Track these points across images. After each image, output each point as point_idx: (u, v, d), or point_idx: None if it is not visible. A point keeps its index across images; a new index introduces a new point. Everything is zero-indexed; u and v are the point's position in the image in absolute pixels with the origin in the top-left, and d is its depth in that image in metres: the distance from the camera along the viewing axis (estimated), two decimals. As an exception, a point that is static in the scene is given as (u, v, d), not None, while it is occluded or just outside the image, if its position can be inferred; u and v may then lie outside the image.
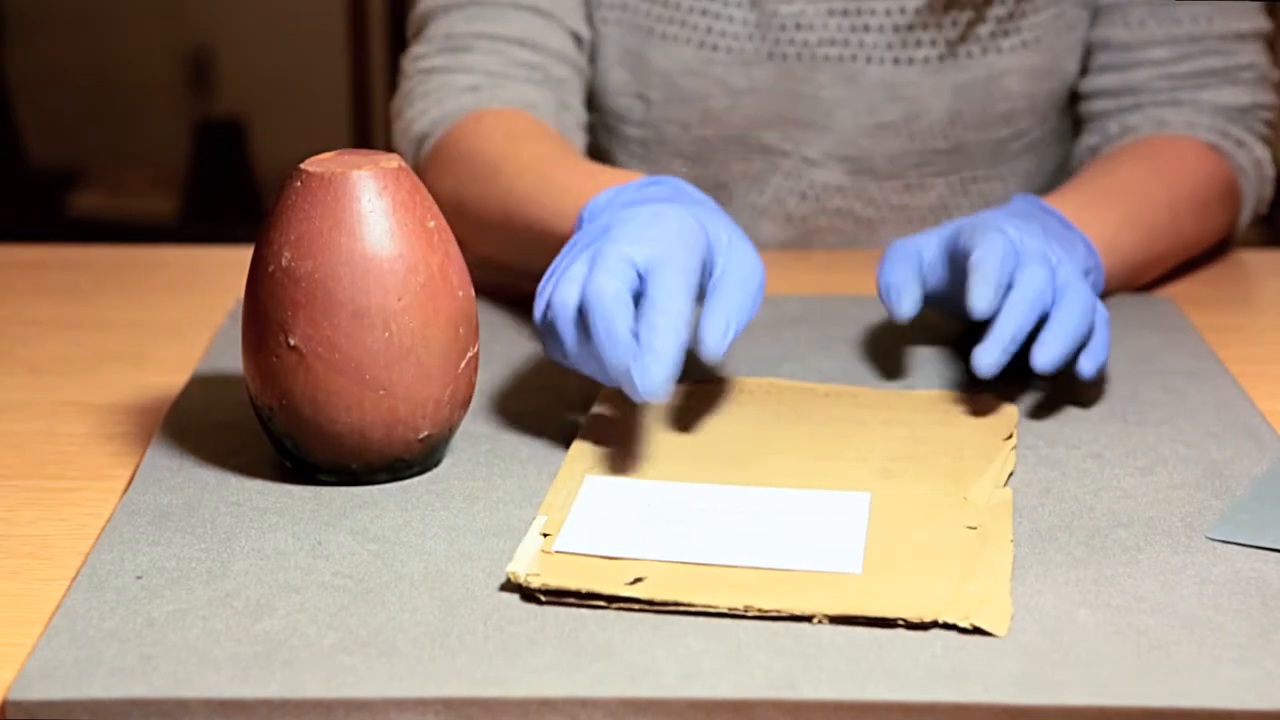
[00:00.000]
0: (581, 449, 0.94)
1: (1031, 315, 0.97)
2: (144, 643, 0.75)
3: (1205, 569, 0.81)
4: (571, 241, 0.96)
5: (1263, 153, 1.31)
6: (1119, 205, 1.19)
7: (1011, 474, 0.91)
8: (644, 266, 0.90)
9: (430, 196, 0.90)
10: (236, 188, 3.32)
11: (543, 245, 1.07)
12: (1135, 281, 1.21)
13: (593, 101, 1.37)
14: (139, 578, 0.81)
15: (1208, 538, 0.84)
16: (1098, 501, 0.89)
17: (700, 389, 1.02)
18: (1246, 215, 1.32)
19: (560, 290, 0.91)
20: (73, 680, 0.72)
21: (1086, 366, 0.98)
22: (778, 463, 0.93)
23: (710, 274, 0.94)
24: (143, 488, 0.90)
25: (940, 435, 0.96)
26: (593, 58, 1.35)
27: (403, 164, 0.89)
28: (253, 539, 0.85)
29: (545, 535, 0.83)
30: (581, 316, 0.89)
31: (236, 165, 3.34)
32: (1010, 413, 0.99)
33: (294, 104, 3.36)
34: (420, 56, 1.31)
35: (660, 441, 0.95)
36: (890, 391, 1.03)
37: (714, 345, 0.90)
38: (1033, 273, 0.98)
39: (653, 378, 0.87)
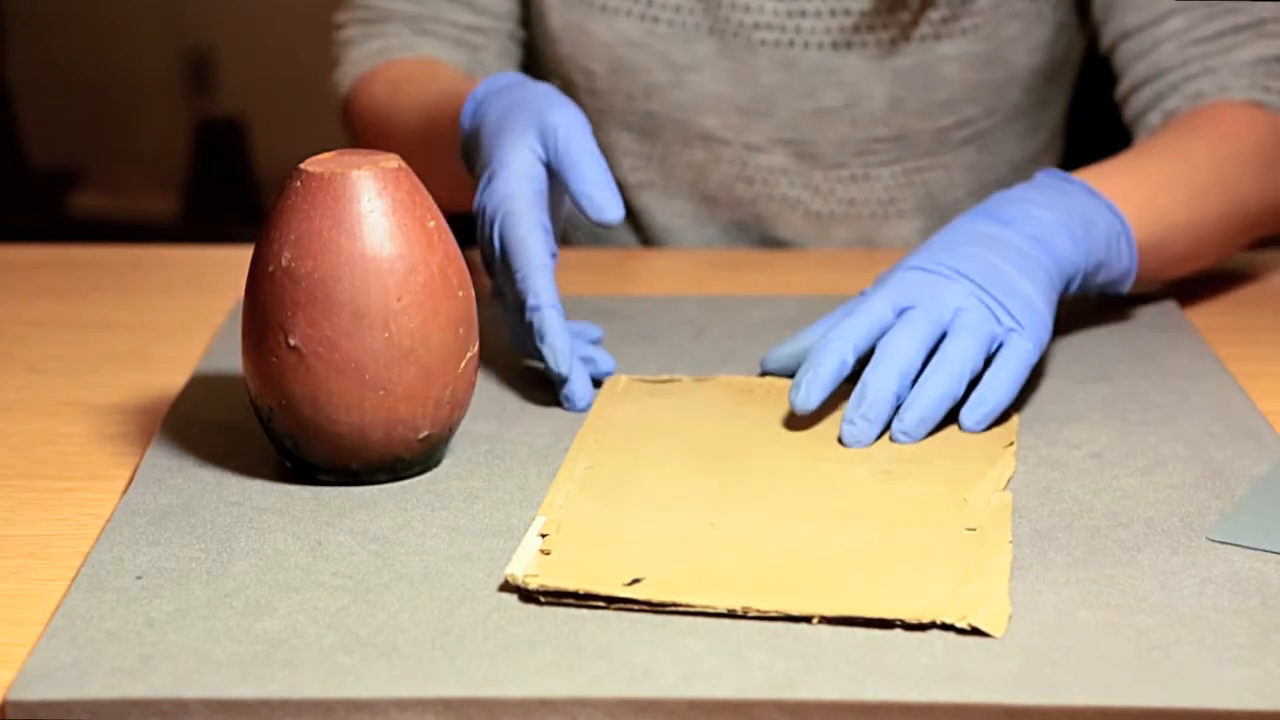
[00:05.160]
0: (581, 449, 0.94)
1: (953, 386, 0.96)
2: (144, 643, 0.75)
3: (1205, 569, 0.81)
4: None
5: None
6: (1153, 169, 1.15)
7: (1011, 478, 0.91)
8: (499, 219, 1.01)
9: (430, 196, 0.90)
10: (236, 188, 3.32)
11: (452, 179, 1.12)
12: (1192, 249, 1.17)
13: (542, 78, 1.37)
14: (139, 578, 0.81)
15: (1208, 539, 0.84)
16: (1098, 502, 0.89)
17: (701, 388, 1.02)
18: None
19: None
20: (73, 680, 0.72)
21: (967, 420, 0.97)
22: (778, 463, 0.92)
23: (556, 152, 1.02)
24: (143, 488, 0.90)
25: (940, 438, 0.96)
26: (539, 33, 1.37)
27: (402, 164, 0.89)
28: (253, 539, 0.85)
29: (544, 535, 0.83)
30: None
31: (236, 165, 3.34)
32: (1011, 420, 0.99)
33: (294, 104, 3.36)
34: (341, 25, 1.40)
35: (660, 441, 0.95)
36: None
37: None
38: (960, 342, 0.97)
39: (575, 386, 1.00)
